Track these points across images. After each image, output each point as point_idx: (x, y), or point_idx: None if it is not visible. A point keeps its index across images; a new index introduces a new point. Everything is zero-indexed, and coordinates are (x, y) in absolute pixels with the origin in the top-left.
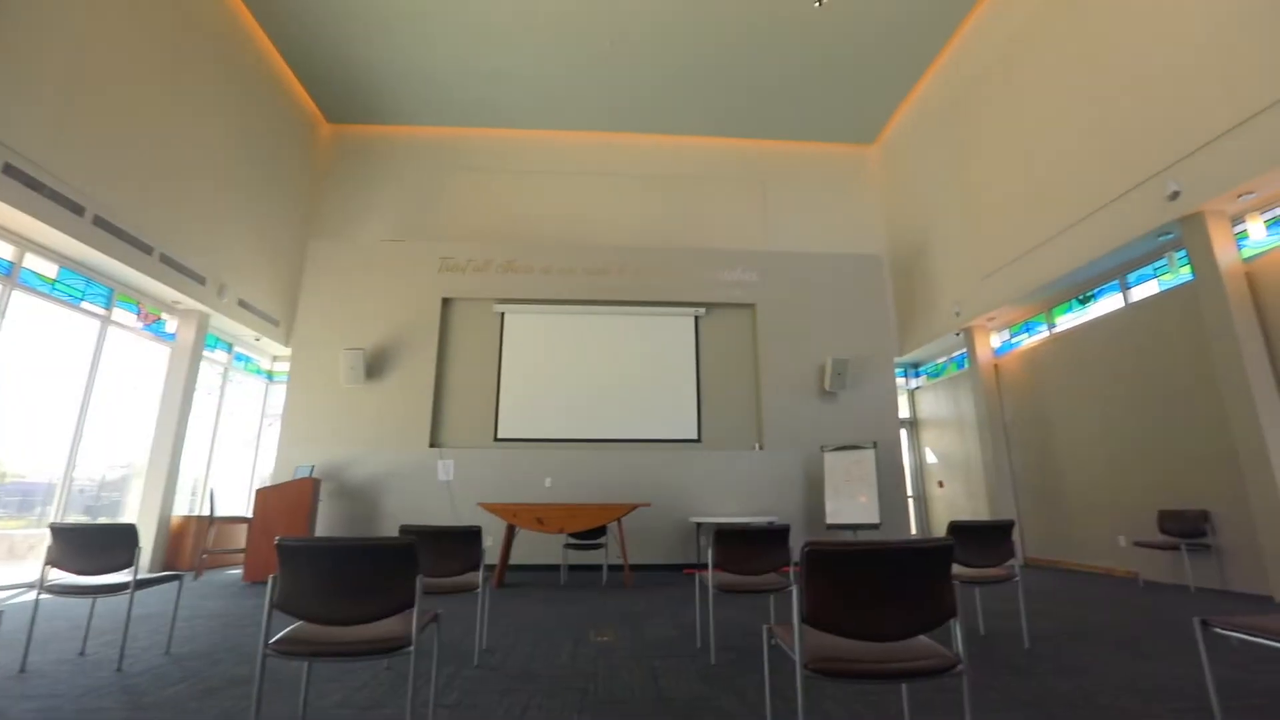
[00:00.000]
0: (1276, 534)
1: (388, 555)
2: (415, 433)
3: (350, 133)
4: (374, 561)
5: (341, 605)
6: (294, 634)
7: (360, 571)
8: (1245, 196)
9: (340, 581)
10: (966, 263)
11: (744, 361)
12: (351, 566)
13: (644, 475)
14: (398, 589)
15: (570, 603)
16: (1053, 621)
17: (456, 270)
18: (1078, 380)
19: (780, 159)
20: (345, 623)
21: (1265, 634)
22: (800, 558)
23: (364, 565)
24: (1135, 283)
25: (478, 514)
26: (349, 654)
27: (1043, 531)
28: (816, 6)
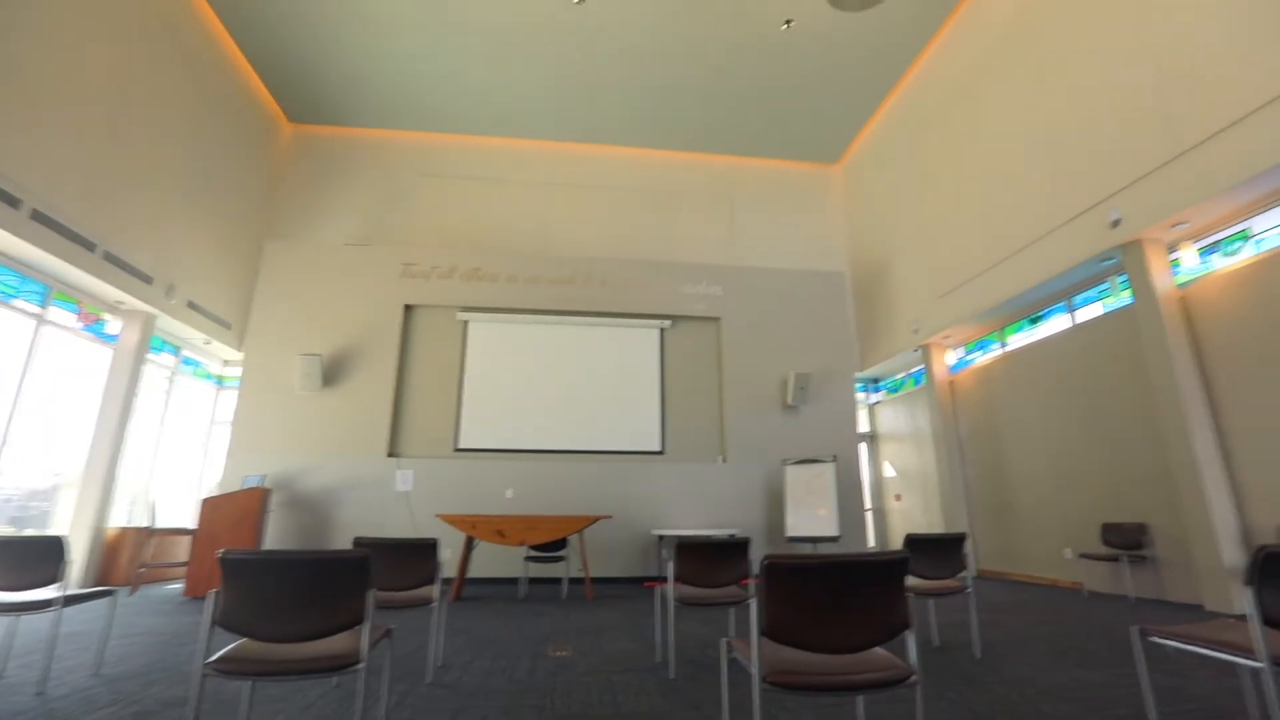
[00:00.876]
0: (1207, 546)
1: (339, 568)
2: (373, 442)
3: (312, 134)
4: (324, 575)
5: (288, 621)
6: (236, 652)
7: (309, 586)
8: (1179, 226)
9: (287, 596)
10: (924, 282)
11: (708, 374)
12: (300, 580)
13: (607, 487)
14: (348, 604)
15: (529, 616)
16: (1002, 631)
17: (420, 276)
18: (1027, 397)
19: (747, 175)
20: (292, 639)
21: (1196, 641)
22: (759, 571)
23: (313, 579)
24: (1081, 304)
25: (436, 526)
26: (295, 672)
27: (994, 543)
28: (784, 29)
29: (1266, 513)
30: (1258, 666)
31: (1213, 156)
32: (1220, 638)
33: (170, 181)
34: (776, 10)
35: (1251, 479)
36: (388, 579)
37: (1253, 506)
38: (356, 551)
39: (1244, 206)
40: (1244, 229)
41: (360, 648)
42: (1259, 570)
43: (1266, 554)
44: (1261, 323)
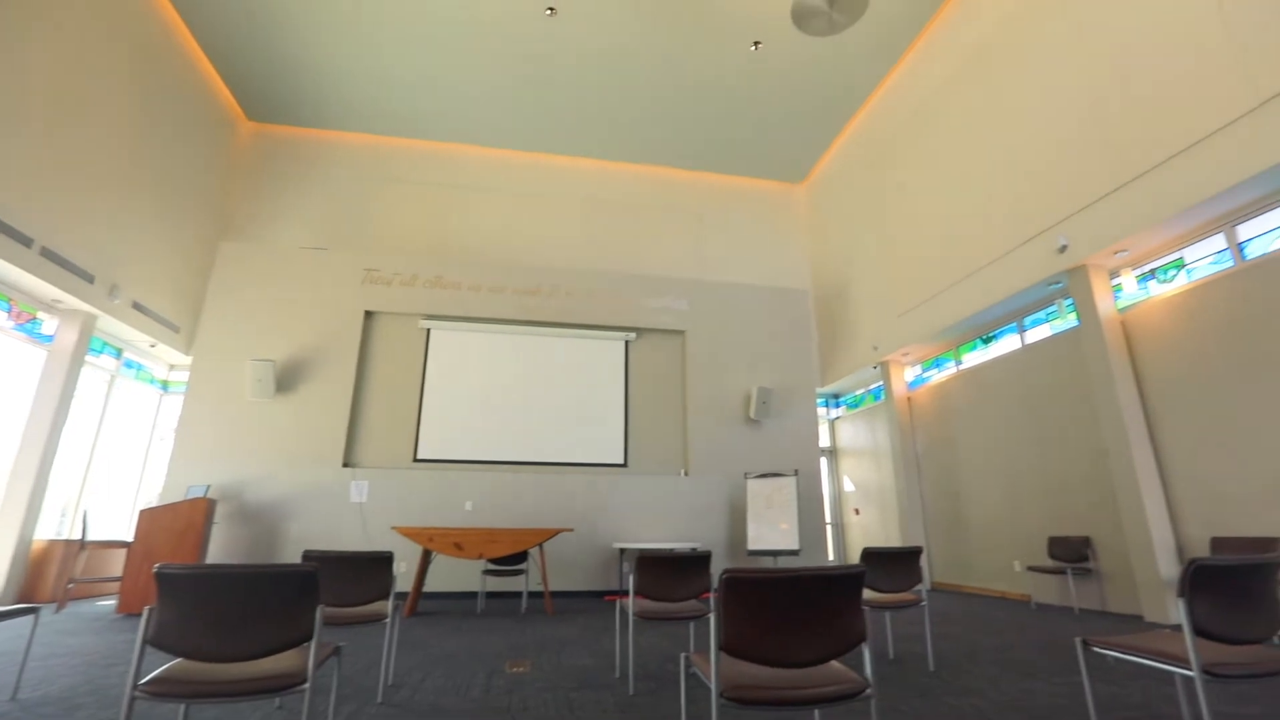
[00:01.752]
0: (1145, 559)
1: (285, 583)
2: (328, 451)
3: (273, 133)
4: (268, 590)
5: (228, 639)
6: (170, 673)
7: (252, 602)
8: (1120, 253)
9: (228, 613)
10: (884, 301)
11: (672, 387)
12: (242, 596)
13: (568, 499)
14: (295, 620)
15: (487, 632)
16: (955, 643)
17: (381, 283)
18: (981, 414)
19: (714, 191)
20: (232, 659)
21: (1134, 651)
22: (718, 585)
23: (257, 595)
24: (1031, 326)
25: (392, 539)
26: (234, 694)
27: (948, 557)
28: (752, 50)
29: (1198, 527)
30: (1190, 675)
31: (1150, 190)
32: (1156, 648)
33: (117, 177)
34: (745, 32)
35: (1184, 494)
36: (338, 594)
37: (1186, 521)
38: (304, 565)
39: (1178, 237)
40: (1178, 258)
41: (306, 666)
42: (1190, 582)
43: (1197, 567)
44: (1192, 347)
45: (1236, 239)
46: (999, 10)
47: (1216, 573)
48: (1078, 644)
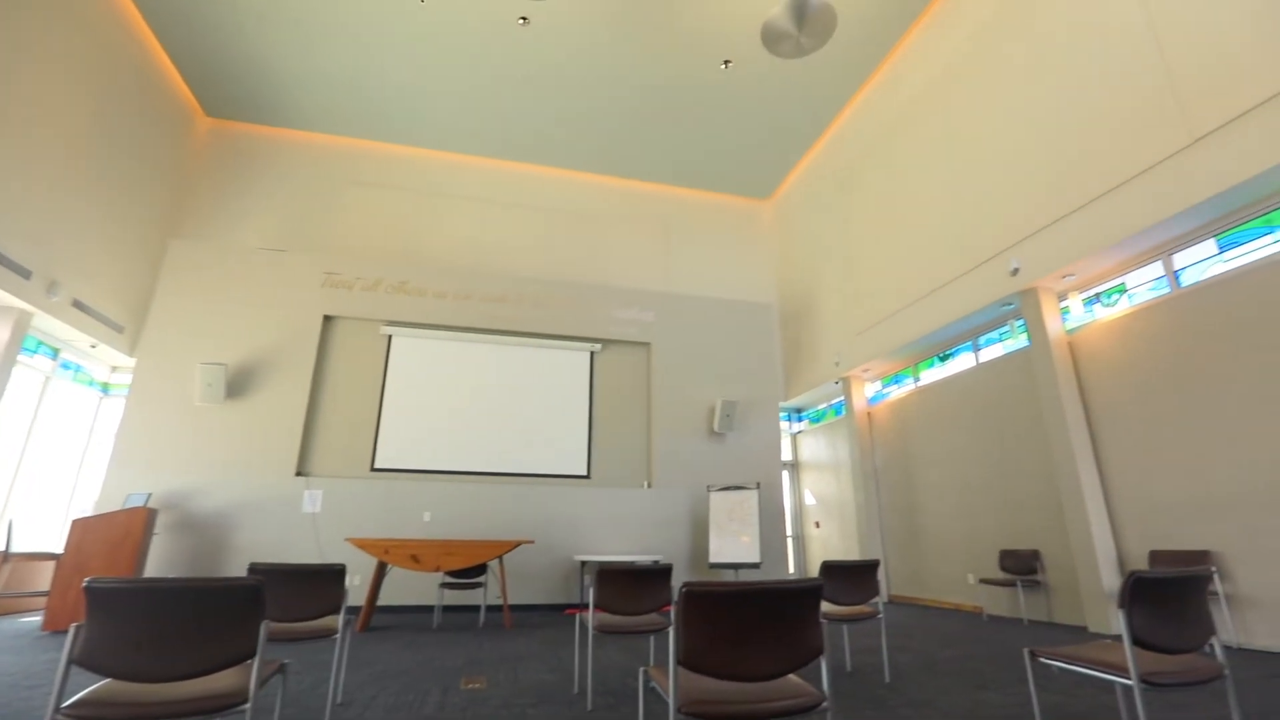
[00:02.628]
0: (1090, 571)
1: (227, 598)
2: (280, 459)
3: (231, 130)
4: (209, 605)
5: (163, 657)
6: (97, 694)
7: (191, 617)
8: (1068, 277)
9: (164, 630)
10: (846, 317)
11: (637, 399)
12: (180, 611)
13: (530, 511)
14: (237, 636)
15: (443, 646)
16: (910, 655)
17: (343, 287)
18: (937, 430)
19: (682, 205)
20: (166, 678)
21: (1077, 661)
22: (677, 599)
23: (196, 610)
24: (985, 345)
25: (346, 550)
26: (167, 715)
27: (905, 569)
28: (723, 68)
29: (1138, 540)
30: (1129, 684)
31: (1094, 218)
32: (1098, 658)
33: (60, 168)
34: (716, 50)
35: (1125, 509)
36: (286, 608)
37: (1127, 534)
38: (249, 579)
39: (1120, 263)
40: (1120, 283)
41: (248, 685)
42: (1130, 595)
43: (1136, 579)
44: (1133, 368)
45: (1173, 267)
46: (956, 45)
47: (1153, 585)
48: (1026, 655)
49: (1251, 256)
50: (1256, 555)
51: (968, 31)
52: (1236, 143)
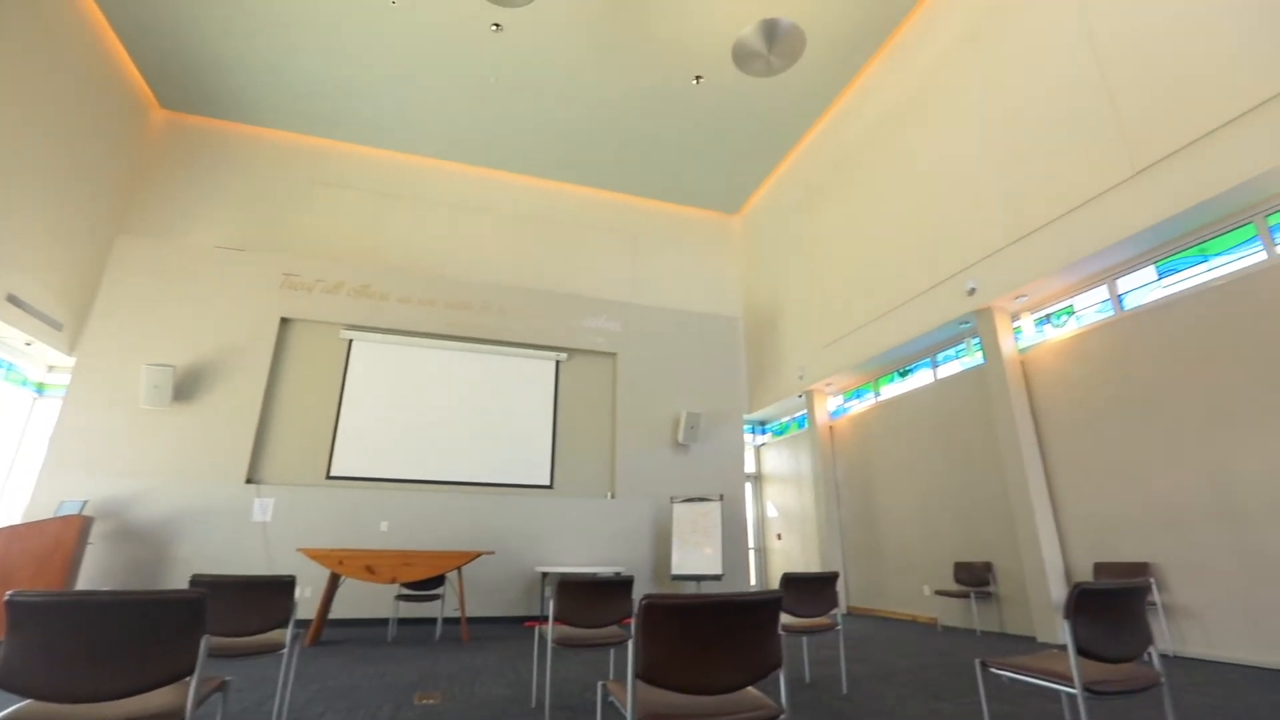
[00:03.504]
0: (1038, 582)
1: (165, 612)
2: (229, 466)
3: (189, 123)
4: (145, 620)
5: (92, 676)
6: (16, 717)
7: (124, 633)
8: (1020, 298)
9: (93, 646)
10: (810, 332)
11: (602, 409)
12: (112, 627)
13: (491, 521)
14: (175, 653)
15: (397, 661)
16: (867, 666)
17: (302, 289)
18: (896, 444)
19: (651, 216)
20: (95, 699)
21: (1025, 671)
22: (637, 612)
23: (130, 625)
24: (943, 361)
25: (297, 561)
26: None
27: (864, 581)
28: (694, 84)
29: (1084, 552)
30: (1074, 693)
31: (1045, 242)
32: (1045, 667)
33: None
34: (688, 65)
35: (1072, 522)
36: (230, 622)
37: (1073, 547)
38: (189, 591)
39: (1068, 286)
40: (1069, 305)
41: (185, 704)
42: (1074, 605)
43: (1081, 591)
44: (1080, 386)
45: (1117, 291)
46: (918, 72)
47: (1096, 596)
48: (977, 665)
49: (1188, 283)
50: (1191, 567)
51: (929, 60)
52: (1173, 177)
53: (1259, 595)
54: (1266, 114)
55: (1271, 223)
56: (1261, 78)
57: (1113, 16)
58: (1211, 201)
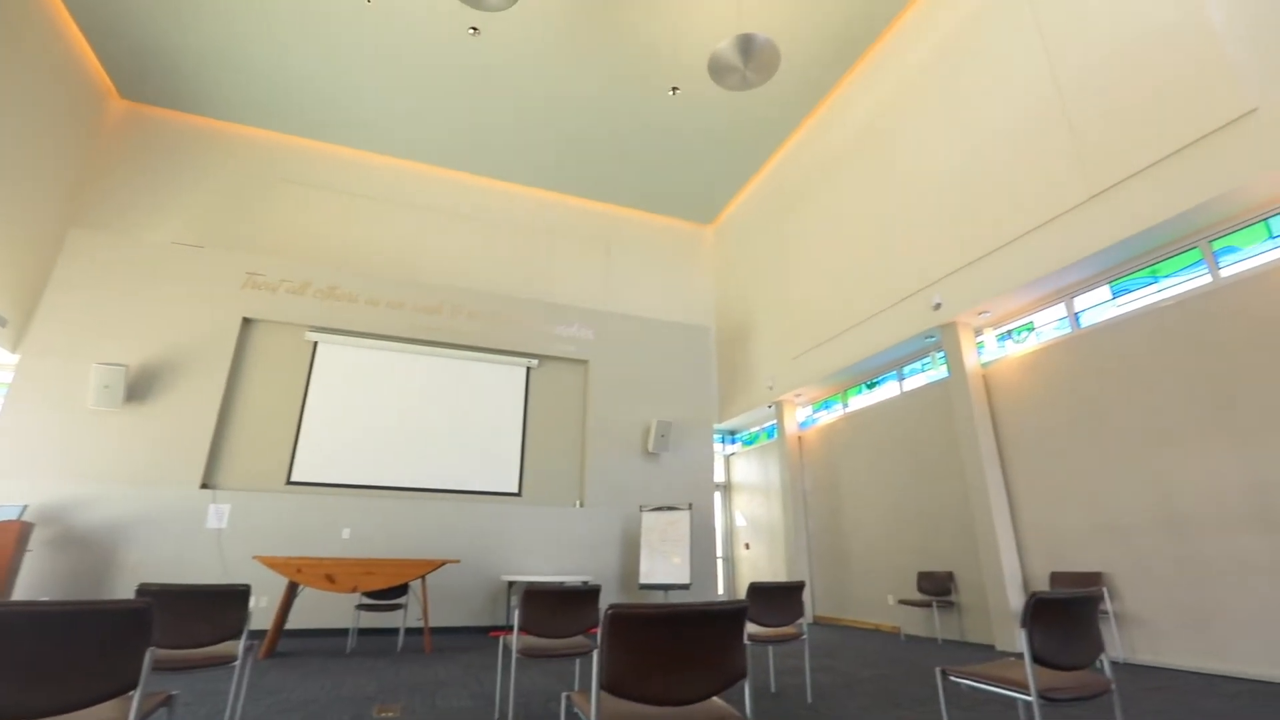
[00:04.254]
0: (998, 591)
1: (107, 622)
2: (184, 470)
3: (150, 115)
4: (86, 631)
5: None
6: None
7: (63, 645)
8: (984, 314)
9: (29, 659)
10: (781, 343)
11: (572, 417)
12: (49, 639)
13: (457, 529)
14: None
15: (356, 673)
16: (833, 676)
17: (265, 289)
18: (863, 455)
19: (625, 225)
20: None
21: (983, 679)
22: (602, 621)
23: (70, 637)
24: (909, 374)
25: (253, 569)
26: None
27: (830, 591)
28: (671, 94)
29: (1041, 562)
30: (1029, 700)
31: (1007, 260)
32: (1002, 675)
33: None
34: (665, 76)
35: (1030, 532)
36: (179, 633)
37: (1031, 556)
38: (134, 601)
39: (1029, 303)
40: (1029, 322)
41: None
42: (1031, 614)
43: (1037, 600)
44: (1039, 400)
45: (1074, 309)
46: (887, 93)
47: (1052, 605)
48: (938, 674)
49: (1139, 303)
50: (1139, 576)
51: (898, 81)
52: (1126, 201)
53: (1199, 603)
54: (1211, 145)
55: (1216, 247)
56: (1206, 111)
57: (1072, 47)
58: (1160, 226)
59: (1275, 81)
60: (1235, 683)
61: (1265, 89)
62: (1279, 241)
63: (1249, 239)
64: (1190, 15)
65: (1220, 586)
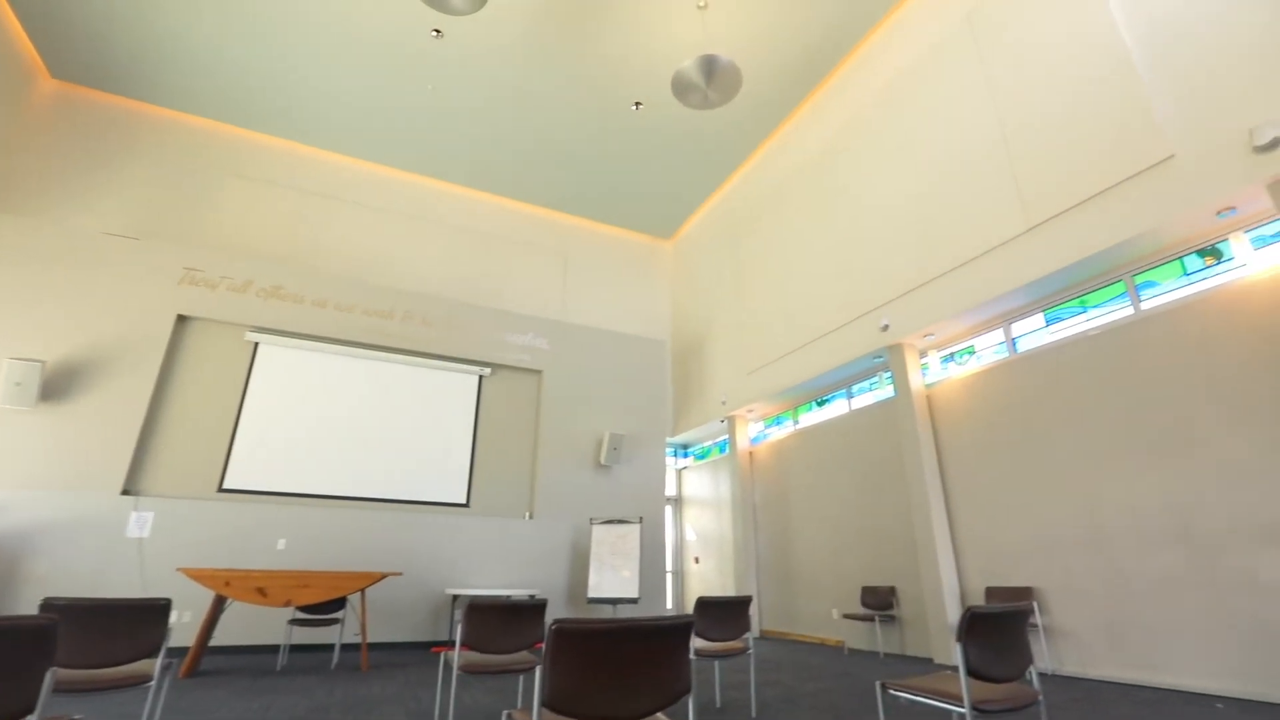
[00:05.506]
0: (937, 606)
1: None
2: (103, 475)
3: (84, 97)
4: None
5: None
6: None
7: None
8: (928, 337)
9: None
10: (734, 359)
11: (524, 427)
12: None
13: (400, 540)
14: (12, 688)
15: (285, 692)
16: (777, 690)
17: (204, 285)
18: (812, 471)
19: (584, 236)
20: None
21: (920, 692)
22: (547, 636)
23: None
24: (857, 393)
25: (177, 582)
26: None
27: (777, 605)
28: (634, 109)
29: (978, 577)
30: (963, 712)
31: (950, 286)
32: (938, 688)
33: None
34: (629, 91)
35: (968, 548)
36: (90, 652)
37: (969, 572)
38: (34, 618)
39: (970, 328)
40: (970, 345)
41: None
42: (966, 628)
43: (972, 614)
44: (978, 421)
45: (1011, 334)
46: (842, 121)
47: (985, 619)
48: (878, 687)
49: (1070, 330)
50: (1069, 590)
51: (853, 113)
52: (1060, 235)
53: (1120, 616)
54: (1134, 187)
55: (1138, 281)
56: (1131, 156)
57: (1015, 91)
58: (1090, 259)
59: (1191, 132)
60: (1151, 691)
61: (1182, 139)
62: (1192, 279)
63: (1167, 275)
64: (1119, 69)
65: (1138, 600)
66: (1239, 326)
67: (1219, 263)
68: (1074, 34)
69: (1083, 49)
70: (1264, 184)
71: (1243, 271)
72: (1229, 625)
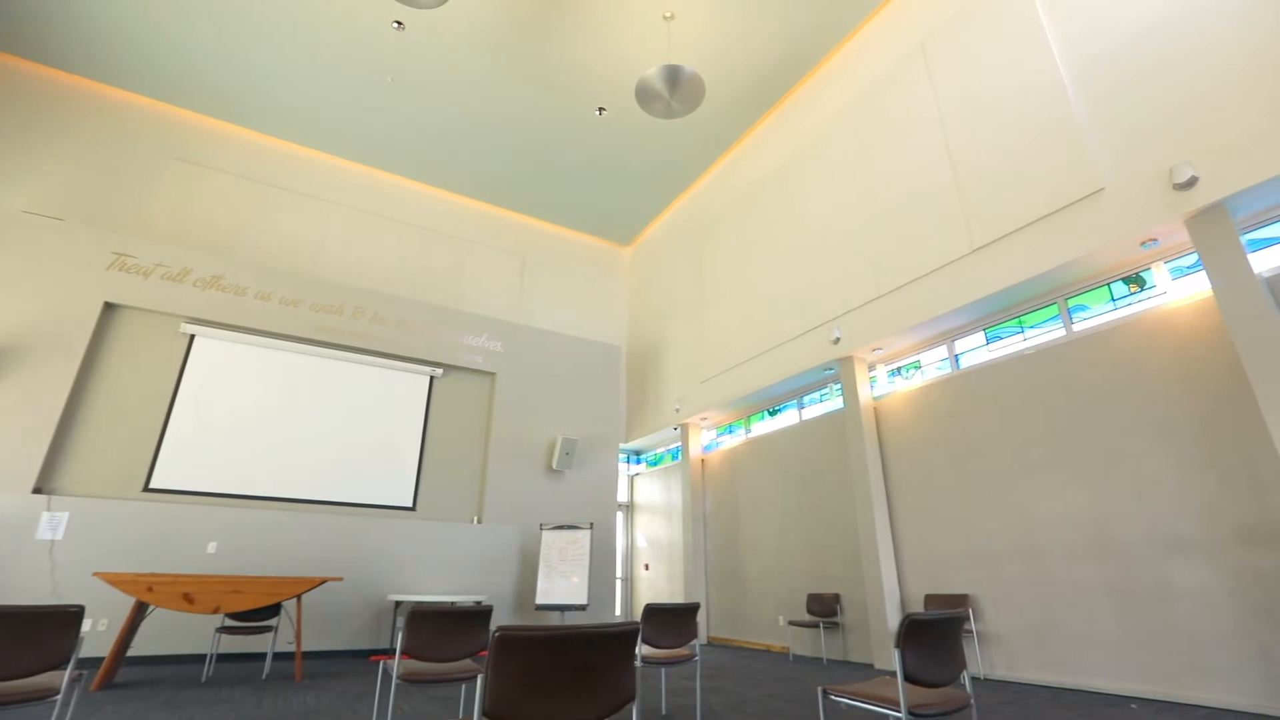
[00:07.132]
0: (879, 613)
1: None
2: (12, 471)
3: (10, 66)
4: None
5: None
6: None
7: None
8: (877, 350)
9: None
10: (690, 367)
11: (475, 429)
12: None
13: (341, 544)
14: None
15: (210, 704)
16: (723, 696)
17: (135, 272)
18: (762, 479)
19: (542, 238)
20: None
21: (860, 697)
22: (489, 644)
23: None
24: (808, 403)
25: (94, 588)
26: None
27: (725, 612)
28: (597, 114)
29: (919, 585)
30: (900, 716)
31: (897, 303)
32: (876, 693)
33: None
34: (592, 96)
35: (910, 557)
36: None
37: (910, 580)
38: None
39: (916, 344)
40: (916, 360)
41: None
42: (904, 635)
43: (910, 621)
44: (922, 433)
45: (954, 351)
46: (801, 138)
47: (923, 626)
48: (819, 693)
49: (1008, 349)
50: (1002, 598)
51: (813, 126)
52: (1001, 258)
53: (1047, 622)
54: (1068, 216)
55: (1071, 304)
56: (1065, 187)
57: (962, 120)
58: (1027, 282)
59: (1119, 168)
60: (1075, 694)
61: (1112, 173)
62: (1118, 304)
63: (1096, 299)
64: (1057, 104)
65: (1063, 607)
66: (1160, 350)
67: (1142, 290)
68: (1017, 69)
69: (1025, 83)
70: (1182, 219)
71: (1164, 299)
72: (1144, 630)
